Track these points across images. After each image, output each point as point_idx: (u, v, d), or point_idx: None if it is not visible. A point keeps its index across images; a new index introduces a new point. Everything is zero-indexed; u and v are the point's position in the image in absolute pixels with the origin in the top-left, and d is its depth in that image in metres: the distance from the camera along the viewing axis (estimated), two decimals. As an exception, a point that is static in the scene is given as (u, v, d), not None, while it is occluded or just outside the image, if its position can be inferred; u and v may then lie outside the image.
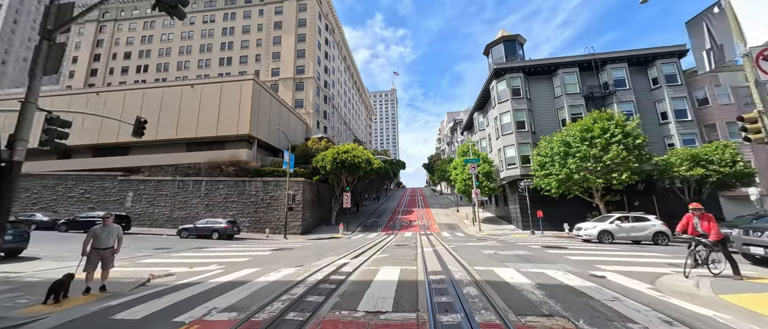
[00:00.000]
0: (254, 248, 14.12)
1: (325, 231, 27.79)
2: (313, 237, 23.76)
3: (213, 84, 30.99)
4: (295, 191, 27.06)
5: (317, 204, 30.71)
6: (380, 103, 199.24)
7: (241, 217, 26.75)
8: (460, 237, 20.07)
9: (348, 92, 73.88)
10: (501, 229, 24.72)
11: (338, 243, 16.74)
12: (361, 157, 28.81)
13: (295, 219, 26.40)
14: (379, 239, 19.18)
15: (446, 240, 16.86)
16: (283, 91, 46.51)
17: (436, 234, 22.62)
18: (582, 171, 18.43)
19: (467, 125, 41.29)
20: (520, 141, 24.30)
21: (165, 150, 30.71)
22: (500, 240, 16.34)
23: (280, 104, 36.59)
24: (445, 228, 27.51)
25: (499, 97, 26.07)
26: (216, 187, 27.63)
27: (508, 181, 25.69)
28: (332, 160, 27.87)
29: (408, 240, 17.92)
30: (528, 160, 23.99)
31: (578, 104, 23.94)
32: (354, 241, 18.01)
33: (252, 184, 27.47)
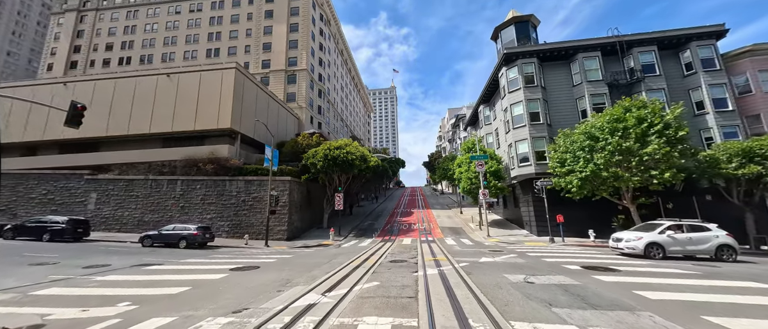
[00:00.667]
0: (214, 264, 11.26)
1: (314, 236, 24.92)
2: (299, 244, 20.88)
3: (191, 73, 28.03)
4: (280, 192, 24.16)
5: (307, 206, 27.82)
6: (379, 101, 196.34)
7: (220, 221, 23.87)
8: (468, 246, 17.20)
9: (345, 88, 70.89)
10: (512, 235, 21.84)
11: (322, 256, 13.88)
12: (355, 153, 25.91)
13: (279, 223, 23.51)
14: (373, 248, 16.32)
15: (453, 252, 13.99)
16: (274, 84, 43.55)
17: (438, 240, 19.76)
18: (612, 168, 15.54)
19: (471, 120, 38.38)
20: (534, 134, 21.39)
21: (138, 146, 27.78)
22: (519, 253, 13.47)
23: (268, 97, 33.64)
24: (449, 233, 24.64)
25: (509, 86, 23.14)
26: (192, 187, 24.73)
27: (520, 180, 22.81)
28: (323, 156, 24.96)
29: (406, 250, 15.06)
30: (543, 156, 21.10)
31: (600, 93, 21.03)
32: (343, 251, 15.16)
33: (233, 184, 24.58)
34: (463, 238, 21.57)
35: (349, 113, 73.89)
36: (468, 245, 17.55)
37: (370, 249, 16.32)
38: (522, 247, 16.12)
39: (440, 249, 15.46)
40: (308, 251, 16.63)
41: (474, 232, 24.14)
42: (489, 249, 15.38)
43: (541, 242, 18.42)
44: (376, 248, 16.65)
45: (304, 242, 22.07)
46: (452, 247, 16.28)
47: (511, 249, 15.16)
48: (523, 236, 21.29)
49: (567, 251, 14.29)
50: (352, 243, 20.16)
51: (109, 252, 14.31)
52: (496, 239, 20.38)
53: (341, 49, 67.40)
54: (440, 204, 45.51)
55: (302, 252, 16.28)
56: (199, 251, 16.56)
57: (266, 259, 12.40)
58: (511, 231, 23.58)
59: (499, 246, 17.15)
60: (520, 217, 24.51)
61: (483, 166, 22.60)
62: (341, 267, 10.26)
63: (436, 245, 17.40)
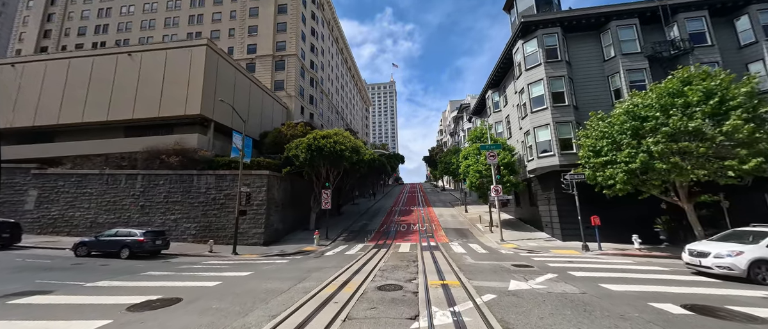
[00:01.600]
0: (114, 295, 7.80)
1: (297, 239, 21.40)
2: (275, 250, 17.36)
3: (156, 51, 24.31)
4: (256, 188, 20.60)
5: (291, 204, 24.29)
6: (378, 96, 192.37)
7: (186, 222, 20.34)
8: (481, 255, 13.68)
9: (341, 78, 67.06)
10: (531, 239, 18.33)
11: (294, 271, 10.36)
12: (345, 143, 22.32)
13: (255, 224, 19.98)
14: (362, 257, 12.80)
15: (465, 267, 10.49)
16: (261, 71, 39.81)
17: (443, 246, 16.27)
18: (672, 158, 11.97)
19: (477, 108, 34.73)
20: (558, 119, 17.80)
21: (96, 135, 24.15)
22: (556, 269, 9.97)
23: (250, 81, 29.94)
24: (455, 235, 21.12)
25: (526, 62, 19.49)
26: (155, 183, 21.15)
27: (539, 174, 19.26)
28: (307, 146, 21.37)
29: (403, 263, 11.53)
30: (569, 144, 17.54)
31: (638, 67, 17.42)
32: (324, 263, 11.66)
33: (201, 179, 21.01)
34: (472, 243, 18.07)
35: (346, 106, 70.13)
36: (481, 254, 14.03)
37: (359, 259, 12.81)
38: (551, 257, 12.61)
39: (447, 261, 11.93)
40: (280, 263, 13.09)
41: (484, 235, 20.64)
42: (510, 261, 11.86)
43: (571, 249, 14.91)
44: (365, 258, 13.13)
45: (282, 247, 18.56)
46: (462, 259, 12.75)
47: (539, 261, 11.64)
48: (544, 240, 17.79)
49: (617, 265, 10.78)
50: (339, 250, 16.65)
51: (22, 269, 10.78)
52: (512, 244, 16.88)
53: (337, 36, 63.47)
54: (442, 202, 42.03)
55: (272, 264, 12.76)
56: (141, 263, 13.03)
57: (207, 283, 8.87)
58: (527, 234, 20.06)
59: (520, 254, 13.64)
60: (536, 217, 21.00)
61: (495, 157, 19.04)
62: (304, 300, 6.75)
63: (442, 254, 13.88)
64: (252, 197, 20.41)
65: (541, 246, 16.18)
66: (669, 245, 15.46)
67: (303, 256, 15.39)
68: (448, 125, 72.91)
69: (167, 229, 20.27)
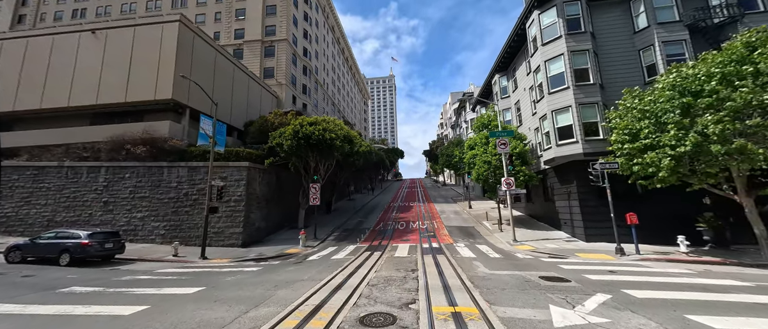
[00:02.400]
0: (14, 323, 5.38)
1: (281, 239, 18.98)
2: (252, 254, 14.94)
3: (123, 28, 21.62)
4: (234, 182, 18.12)
5: (277, 200, 21.85)
6: (377, 90, 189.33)
7: (154, 221, 17.89)
8: (496, 262, 11.24)
9: (338, 69, 64.24)
10: (549, 239, 15.92)
11: (260, 286, 7.93)
12: (335, 131, 19.79)
13: (232, 223, 17.54)
14: (349, 264, 10.35)
15: (477, 279, 8.06)
16: (250, 57, 37.09)
17: (447, 249, 13.84)
18: (737, 141, 9.49)
19: (481, 97, 32.10)
20: (581, 100, 15.26)
21: (60, 123, 21.58)
22: (598, 282, 7.56)
23: (233, 66, 27.27)
24: (459, 235, 18.71)
25: (543, 36, 16.90)
26: (120, 177, 18.66)
27: (558, 165, 16.80)
28: (292, 134, 18.85)
29: (400, 274, 9.10)
30: (595, 129, 15.03)
31: (677, 39, 14.84)
32: (301, 273, 9.21)
33: (172, 172, 18.52)
34: (481, 244, 15.65)
35: (343, 98, 67.40)
36: (495, 260, 11.59)
37: (345, 266, 10.38)
38: (583, 264, 10.19)
39: (455, 270, 9.51)
40: (248, 272, 10.65)
41: (492, 234, 18.22)
42: (534, 270, 9.43)
43: (602, 253, 12.48)
44: (354, 265, 10.69)
45: (261, 250, 16.14)
46: (473, 266, 10.31)
47: (571, 270, 9.21)
48: (563, 241, 15.36)
49: (677, 277, 8.35)
50: (326, 253, 14.22)
51: None
52: (527, 246, 14.46)
53: (333, 25, 60.52)
54: (443, 197, 39.64)
55: (239, 272, 10.31)
56: (79, 272, 10.59)
57: (127, 309, 6.43)
58: (542, 233, 17.65)
59: (542, 260, 11.23)
60: (552, 214, 18.58)
61: (506, 146, 16.53)
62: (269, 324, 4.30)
63: (446, 259, 11.45)
64: (230, 191, 17.97)
65: (563, 248, 13.76)
66: (714, 247, 13.02)
67: (281, 261, 12.95)
68: (448, 118, 70.27)
69: (132, 229, 17.88)
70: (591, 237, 14.75)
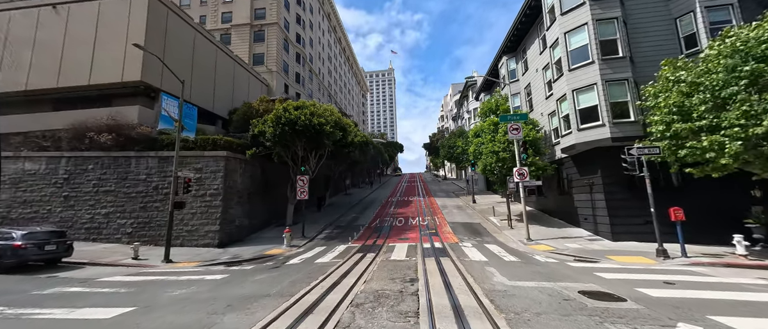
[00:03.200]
0: None
1: (265, 238, 16.96)
2: (228, 255, 12.92)
3: (87, 1, 19.30)
4: (211, 173, 16.05)
5: (262, 194, 19.81)
6: (376, 84, 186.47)
7: (120, 218, 15.84)
8: (514, 266, 9.20)
9: (334, 59, 61.76)
10: (568, 238, 13.90)
11: (200, 310, 5.91)
12: (325, 117, 17.66)
13: (208, 220, 15.50)
14: (334, 272, 8.27)
15: (496, 295, 6.05)
16: (238, 43, 34.73)
17: (452, 248, 11.82)
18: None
19: (486, 84, 29.87)
20: (609, 76, 13.11)
21: (19, 109, 19.37)
22: (663, 300, 5.58)
23: (216, 48, 25.00)
24: (465, 232, 16.69)
25: (563, 4, 14.67)
26: (82, 168, 16.55)
27: (579, 152, 14.72)
28: (275, 120, 16.71)
29: (395, 286, 7.06)
30: (624, 110, 12.91)
31: (723, 3, 12.63)
32: (270, 284, 7.12)
33: (141, 163, 16.41)
34: (490, 243, 13.63)
35: (340, 89, 65.01)
36: (511, 265, 9.56)
37: (329, 274, 8.36)
38: (624, 271, 8.18)
39: (465, 281, 7.49)
40: (209, 282, 8.61)
41: (502, 232, 16.20)
42: (569, 281, 7.42)
43: (638, 255, 10.46)
44: (339, 272, 8.65)
45: (239, 251, 14.12)
46: (487, 274, 8.29)
47: (615, 280, 7.20)
48: (586, 240, 13.34)
49: (759, 292, 6.31)
50: (310, 256, 12.18)
51: None
52: (545, 246, 12.45)
53: (329, 12, 57.87)
54: (444, 192, 37.60)
55: (197, 283, 8.28)
56: (4, 281, 8.55)
57: None
58: (558, 230, 15.62)
59: (570, 265, 9.21)
60: (568, 209, 16.56)
61: (519, 131, 14.41)
62: None
63: (453, 265, 9.42)
64: (205, 184, 15.91)
65: (588, 248, 11.73)
66: (766, 246, 11.02)
67: (257, 265, 10.92)
68: (449, 110, 68.00)
69: (96, 227, 15.84)
70: (618, 235, 12.72)
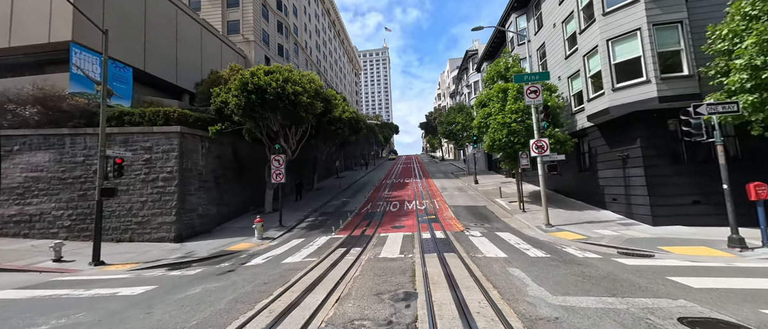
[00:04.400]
0: None
1: (236, 229, 14.40)
2: (185, 250, 10.37)
3: (0, -57, 15.52)
4: (163, 153, 13.23)
5: (237, 177, 17.12)
6: (370, 64, 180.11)
7: (56, 208, 13.12)
8: (543, 263, 6.74)
9: (323, 32, 57.30)
10: (594, 222, 11.56)
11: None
12: (303, 84, 14.69)
13: (162, 210, 12.83)
14: (298, 282, 5.66)
15: (539, 318, 3.60)
16: (208, 8, 30.73)
17: (457, 238, 9.37)
18: None
19: (490, 51, 26.74)
20: (657, 17, 10.30)
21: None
22: None
23: (176, 8, 21.35)
24: (469, 217, 14.29)
25: (595, -69, 11.54)
26: (6, 150, 13.58)
27: (608, 120, 12.13)
28: (240, 87, 13.72)
29: (383, 309, 4.56)
30: (676, 63, 10.22)
31: None
32: (196, 310, 4.56)
33: (78, 142, 13.49)
34: (502, 230, 11.25)
35: (330, 66, 60.92)
36: (543, 263, 7.13)
37: (292, 284, 5.86)
38: (702, 271, 5.82)
39: (489, 299, 5.09)
40: (120, 300, 6.03)
41: (513, 216, 13.83)
42: (650, 298, 5.03)
43: (700, 246, 8.09)
44: (306, 281, 6.13)
45: (197, 246, 11.57)
46: (517, 287, 5.84)
47: (715, 291, 4.86)
48: (618, 224, 11.00)
49: None
50: (280, 253, 9.67)
51: None
52: (570, 233, 10.09)
53: (314, -21, 52.81)
54: (443, 173, 35.24)
55: (106, 299, 5.73)
56: None
57: None
58: (581, 213, 13.28)
59: (615, 259, 6.84)
60: (589, 188, 14.20)
61: (538, 94, 11.68)
62: None
63: (463, 266, 6.98)
64: (156, 167, 13.14)
65: (627, 236, 9.37)
66: None
67: (204, 270, 8.37)
68: (447, 87, 64.65)
69: (26, 220, 13.09)
70: (660, 218, 10.38)
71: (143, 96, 18.08)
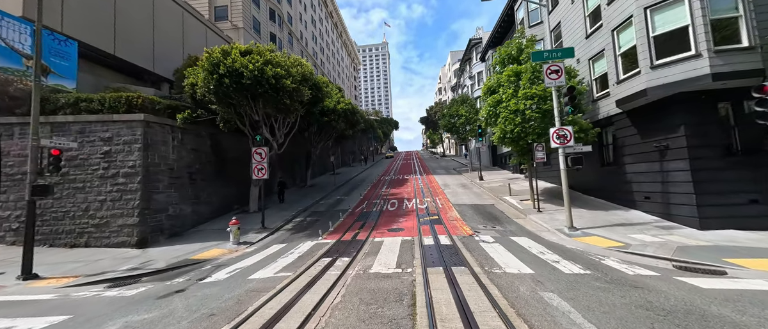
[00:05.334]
0: None
1: (213, 231, 12.67)
2: (145, 258, 8.64)
3: None
4: (123, 144, 11.49)
5: (217, 173, 15.42)
6: (369, 59, 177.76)
7: (3, 208, 11.39)
8: (582, 283, 5.01)
9: (320, 24, 55.21)
10: (627, 224, 9.85)
11: None
12: (286, 67, 12.89)
13: (123, 210, 11.12)
14: (257, 313, 4.15)
15: None
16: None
17: (466, 244, 7.64)
18: None
19: (496, 37, 24.83)
20: (710, -22, 8.46)
21: None
22: None
23: (152, -12, 19.42)
24: (477, 218, 12.56)
25: None
26: (-55, 142, 11.79)
27: (642, 105, 10.36)
28: (211, 69, 11.91)
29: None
30: (733, 32, 8.43)
31: None
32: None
33: (26, 132, 11.69)
34: (518, 234, 9.53)
35: (327, 59, 58.88)
36: (581, 284, 5.40)
37: (245, 318, 4.21)
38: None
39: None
40: None
41: (527, 217, 12.10)
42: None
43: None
44: (266, 317, 4.46)
45: (162, 252, 9.84)
46: (563, 324, 4.08)
47: None
48: (656, 228, 9.28)
49: None
50: (253, 263, 7.96)
51: None
52: (602, 239, 8.39)
53: (310, -33, 50.61)
54: (444, 169, 33.49)
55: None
56: None
57: None
58: (606, 214, 11.55)
59: (678, 279, 5.14)
60: (613, 185, 12.47)
61: (561, 74, 9.90)
62: None
63: (483, 295, 5.26)
64: (117, 161, 11.40)
65: (674, 243, 7.65)
66: None
67: (149, 288, 6.66)
68: (448, 81, 62.67)
69: (-34, 222, 11.36)
70: (709, 221, 8.66)
71: (113, 83, 16.29)
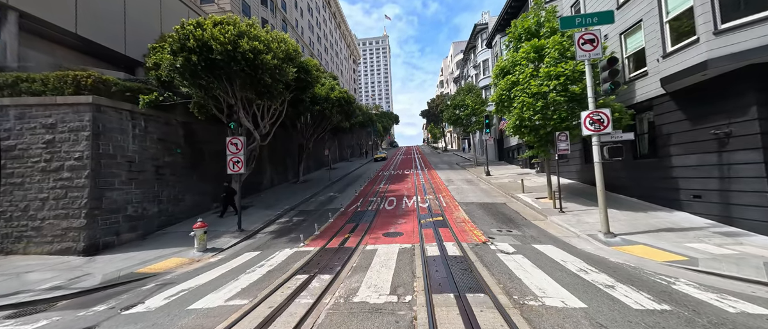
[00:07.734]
0: None
1: (182, 234, 10.88)
2: (93, 268, 6.84)
3: None
4: (69, 132, 9.63)
5: (194, 166, 13.61)
6: (369, 53, 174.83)
7: (-76, 209, 9.58)
8: (659, 323, 3.20)
9: (317, 12, 52.94)
10: (676, 229, 8.02)
11: None
12: (266, 42, 10.99)
13: (67, 210, 9.32)
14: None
15: None
16: (179, -27, 26.54)
17: (480, 256, 5.86)
18: None
19: (504, 20, 22.76)
20: None
21: None
22: None
23: (124, -39, 17.39)
24: (489, 219, 10.73)
25: None
26: None
27: (695, 84, 8.45)
28: (179, 44, 10.00)
29: None
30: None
31: None
32: None
33: (-44, 117, 9.84)
34: (543, 242, 7.72)
35: (325, 51, 56.70)
36: (663, 326, 3.56)
37: None
38: None
39: None
40: None
41: (547, 219, 10.27)
42: None
43: None
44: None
45: (110, 260, 8.04)
46: None
47: None
48: (714, 234, 7.45)
49: None
50: (208, 280, 6.17)
51: None
52: (649, 248, 6.58)
53: (306, -48, 48.18)
54: (447, 164, 31.63)
55: None
56: None
57: None
58: (644, 215, 9.71)
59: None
60: (647, 180, 10.62)
61: (596, 44, 7.98)
62: None
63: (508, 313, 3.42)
64: (61, 151, 9.54)
65: (753, 255, 5.82)
66: None
67: (61, 318, 4.90)
68: (450, 73, 60.50)
69: None
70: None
71: (75, 65, 14.38)
